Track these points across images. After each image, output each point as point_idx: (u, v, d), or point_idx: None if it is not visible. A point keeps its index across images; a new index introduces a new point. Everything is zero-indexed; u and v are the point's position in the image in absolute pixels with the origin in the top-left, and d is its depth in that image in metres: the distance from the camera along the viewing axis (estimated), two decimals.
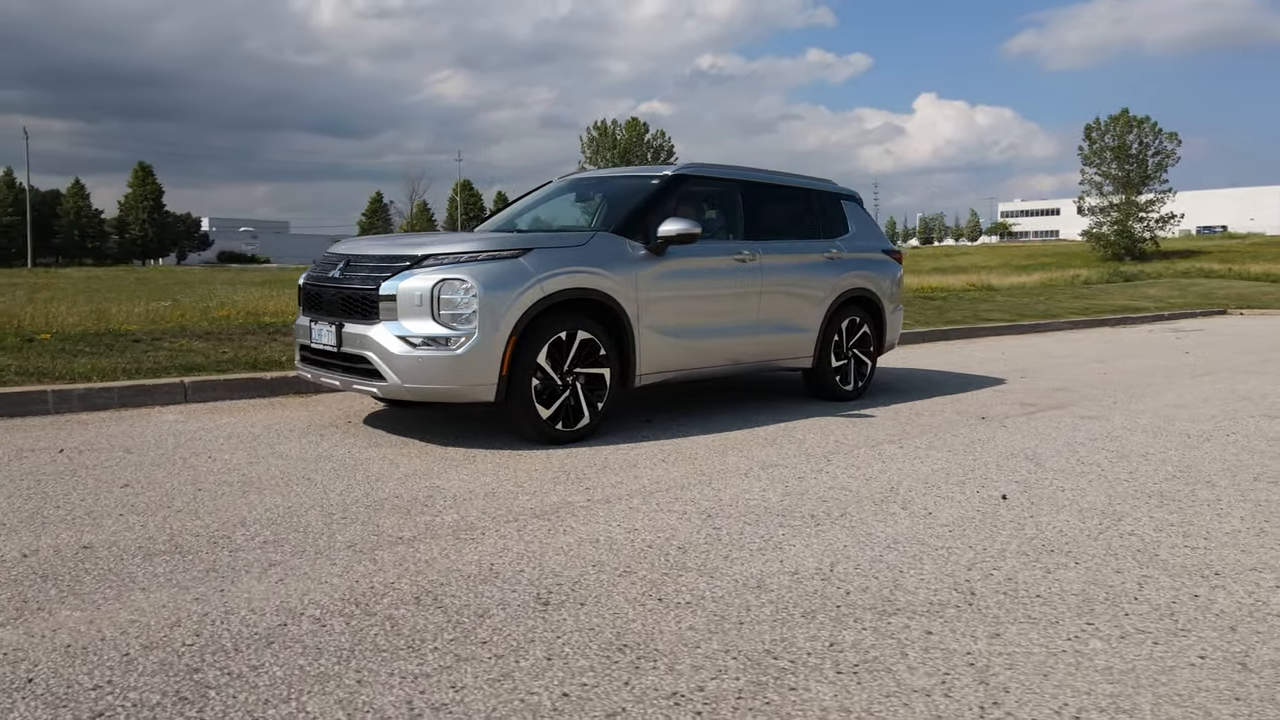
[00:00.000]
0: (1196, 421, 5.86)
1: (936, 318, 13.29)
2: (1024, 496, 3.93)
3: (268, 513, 3.48)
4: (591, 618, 2.51)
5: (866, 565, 3.00)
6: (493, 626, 2.44)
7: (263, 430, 5.10)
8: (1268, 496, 3.99)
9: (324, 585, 2.72)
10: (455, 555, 3.02)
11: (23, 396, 5.35)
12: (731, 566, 2.96)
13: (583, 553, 3.07)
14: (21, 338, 7.56)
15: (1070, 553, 3.17)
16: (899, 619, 2.55)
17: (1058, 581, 2.88)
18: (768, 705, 2.03)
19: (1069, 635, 2.46)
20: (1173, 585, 2.86)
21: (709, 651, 2.31)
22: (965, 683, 2.16)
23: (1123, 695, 2.11)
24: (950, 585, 2.82)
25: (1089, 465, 4.55)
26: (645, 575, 2.86)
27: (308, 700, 2.01)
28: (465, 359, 4.48)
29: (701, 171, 5.88)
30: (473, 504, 3.66)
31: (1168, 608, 2.67)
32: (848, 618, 2.55)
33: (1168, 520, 3.60)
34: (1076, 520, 3.58)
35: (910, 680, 2.17)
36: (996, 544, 3.25)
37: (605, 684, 2.12)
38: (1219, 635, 2.48)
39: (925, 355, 9.99)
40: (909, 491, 3.98)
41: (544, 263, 4.71)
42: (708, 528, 3.38)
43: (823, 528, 3.41)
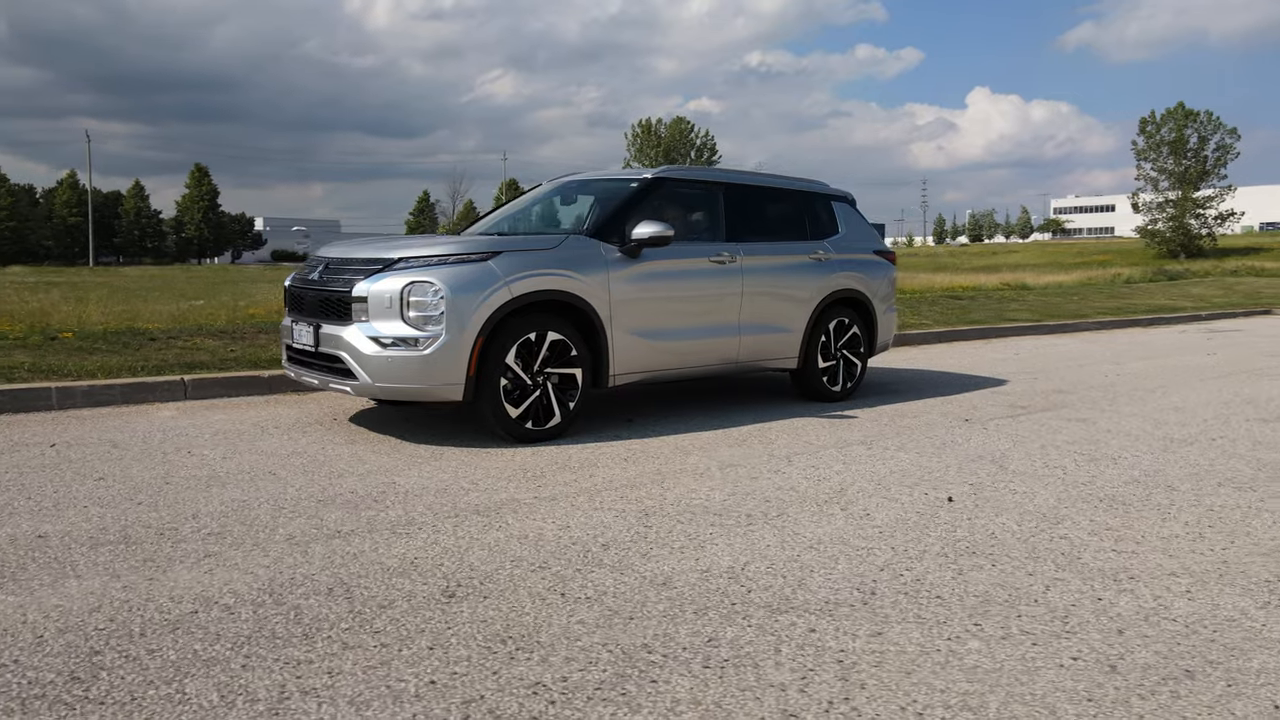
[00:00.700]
0: (1187, 425, 5.78)
1: (958, 317, 13.16)
2: (972, 499, 3.94)
3: (222, 506, 3.64)
4: (489, 610, 2.62)
5: (780, 565, 3.06)
6: (391, 617, 2.56)
7: (249, 427, 5.29)
8: (1223, 501, 3.96)
9: (248, 576, 2.86)
10: (384, 549, 3.14)
11: (27, 393, 5.61)
12: (646, 564, 3.04)
13: (507, 548, 3.17)
14: (45, 335, 7.89)
15: (991, 555, 3.20)
16: (788, 617, 2.61)
17: (965, 583, 2.91)
18: (621, 696, 2.12)
19: (950, 635, 2.50)
20: (1080, 589, 2.88)
21: (588, 645, 2.39)
22: (825, 679, 2.22)
23: (975, 694, 2.16)
24: (854, 585, 2.87)
25: (1053, 469, 4.54)
26: (558, 571, 2.96)
27: (188, 682, 2.14)
28: (433, 359, 4.61)
29: (682, 174, 5.95)
30: (422, 500, 3.78)
31: (1064, 610, 2.69)
32: (738, 615, 2.62)
33: (1107, 524, 3.59)
34: (1013, 523, 3.59)
35: (773, 675, 2.24)
36: (921, 546, 3.29)
37: (475, 673, 2.22)
38: (1103, 638, 2.50)
39: (937, 355, 9.93)
40: (857, 493, 4.02)
41: (512, 265, 4.82)
42: (639, 526, 3.46)
43: (754, 528, 3.47)
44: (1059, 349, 10.77)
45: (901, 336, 11.11)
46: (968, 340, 11.78)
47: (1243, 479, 4.39)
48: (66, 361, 6.55)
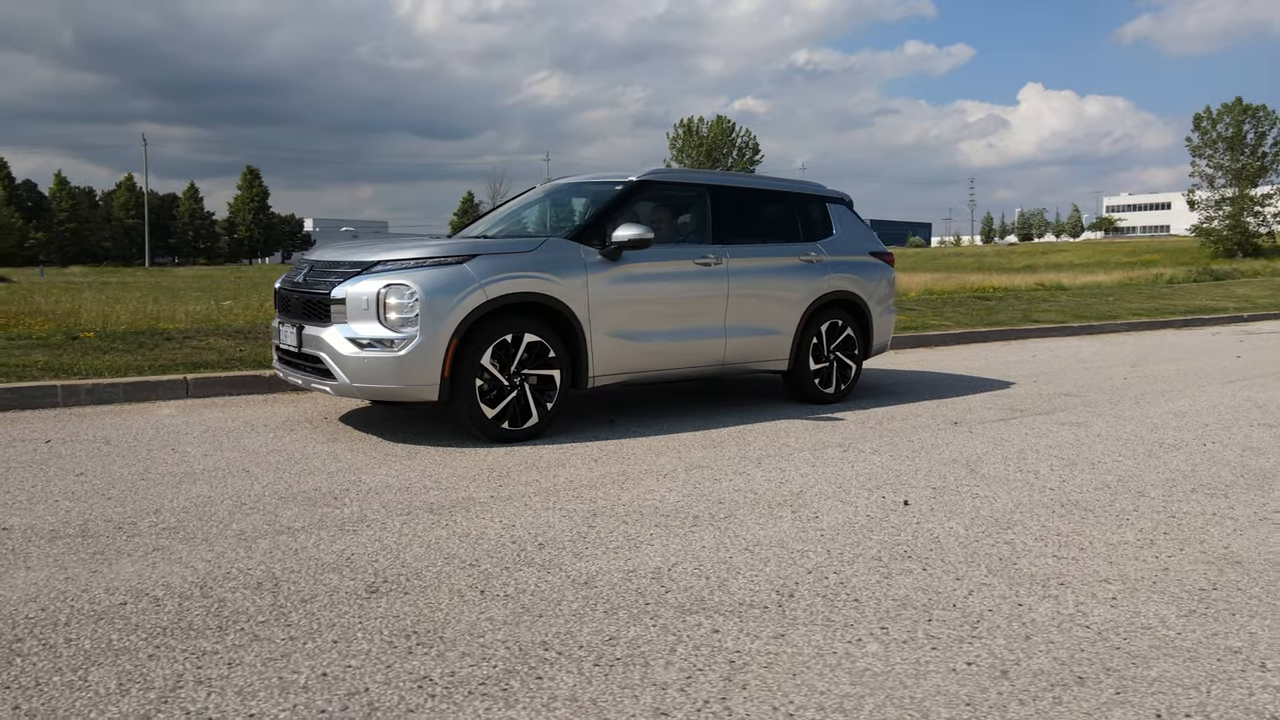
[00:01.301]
0: (1183, 430, 5.68)
1: (981, 319, 13.00)
2: (930, 503, 3.93)
3: (187, 502, 3.77)
4: (404, 606, 2.69)
5: (708, 566, 3.09)
6: (309, 611, 2.64)
7: (240, 425, 5.45)
8: (1190, 508, 3.90)
9: (187, 569, 2.97)
10: (325, 546, 3.23)
11: (34, 390, 5.83)
12: (575, 563, 3.09)
13: (445, 546, 3.24)
14: (68, 335, 8.17)
15: (926, 559, 3.19)
16: (696, 618, 2.64)
17: (889, 587, 2.92)
18: (502, 692, 2.17)
19: (853, 638, 2.51)
20: (1004, 594, 2.87)
21: (489, 641, 2.45)
22: (710, 679, 2.25)
23: (854, 696, 2.17)
24: (775, 587, 2.90)
25: (1025, 473, 4.50)
26: (486, 569, 3.02)
27: (93, 670, 2.24)
28: (408, 360, 4.71)
29: (667, 177, 5.99)
30: (380, 498, 3.87)
31: (978, 615, 2.69)
32: (646, 615, 2.66)
33: (1058, 530, 3.56)
34: (961, 528, 3.58)
35: (659, 675, 2.27)
36: (858, 549, 3.29)
37: (369, 666, 2.29)
38: (1007, 644, 2.49)
39: (951, 357, 9.83)
40: (814, 495, 4.02)
41: (487, 268, 4.90)
42: (583, 526, 3.51)
43: (696, 529, 3.50)
44: (1080, 351, 10.60)
45: (918, 338, 11.02)
46: (987, 342, 11.63)
47: (1219, 485, 4.31)
48: (79, 361, 6.78)
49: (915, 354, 10.20)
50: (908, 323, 12.08)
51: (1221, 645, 2.51)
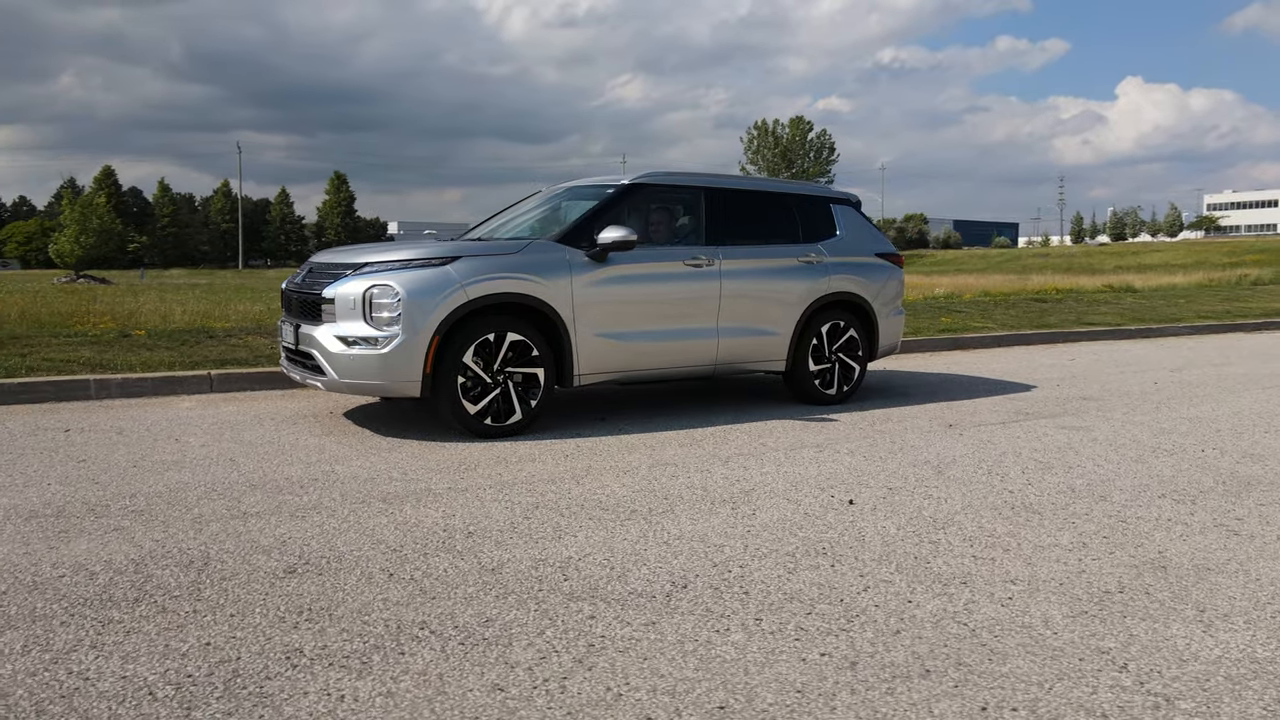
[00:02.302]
0: (1189, 435, 5.53)
1: (1029, 321, 12.70)
2: (876, 503, 3.95)
3: (164, 488, 4.03)
4: (312, 586, 2.86)
5: (619, 557, 3.19)
6: (224, 588, 2.84)
7: (248, 418, 5.75)
8: (1146, 514, 3.84)
9: (134, 548, 3.20)
10: (270, 530, 3.44)
11: (71, 383, 6.25)
12: (493, 551, 3.23)
13: (378, 533, 3.42)
14: (121, 333, 8.68)
15: (840, 556, 3.24)
16: (581, 604, 2.75)
17: (786, 581, 2.98)
18: (361, 664, 2.32)
19: (722, 628, 2.59)
20: (899, 591, 2.90)
21: (372, 619, 2.61)
22: (561, 660, 2.36)
23: (690, 680, 2.26)
24: (673, 579, 2.99)
25: (992, 476, 4.47)
26: (406, 554, 3.18)
27: (8, 633, 2.47)
28: (391, 357, 4.92)
29: (660, 180, 6.08)
30: (343, 487, 4.08)
31: (860, 610, 2.73)
32: (533, 600, 2.78)
33: (993, 531, 3.56)
34: (894, 527, 3.60)
35: (515, 655, 2.39)
36: (777, 545, 3.35)
37: (251, 638, 2.47)
38: (872, 637, 2.54)
39: (986, 360, 9.66)
40: (763, 493, 4.08)
41: (470, 270, 5.08)
42: (519, 517, 3.65)
43: (628, 523, 3.61)
44: (1124, 354, 10.29)
45: (955, 340, 10.85)
46: (1031, 345, 11.37)
47: (1192, 491, 4.22)
48: (120, 356, 7.22)
49: (950, 356, 10.06)
50: (949, 325, 11.90)
51: (1093, 646, 2.51)
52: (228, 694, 2.16)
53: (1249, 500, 4.08)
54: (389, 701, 2.13)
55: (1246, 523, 3.73)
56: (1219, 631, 2.62)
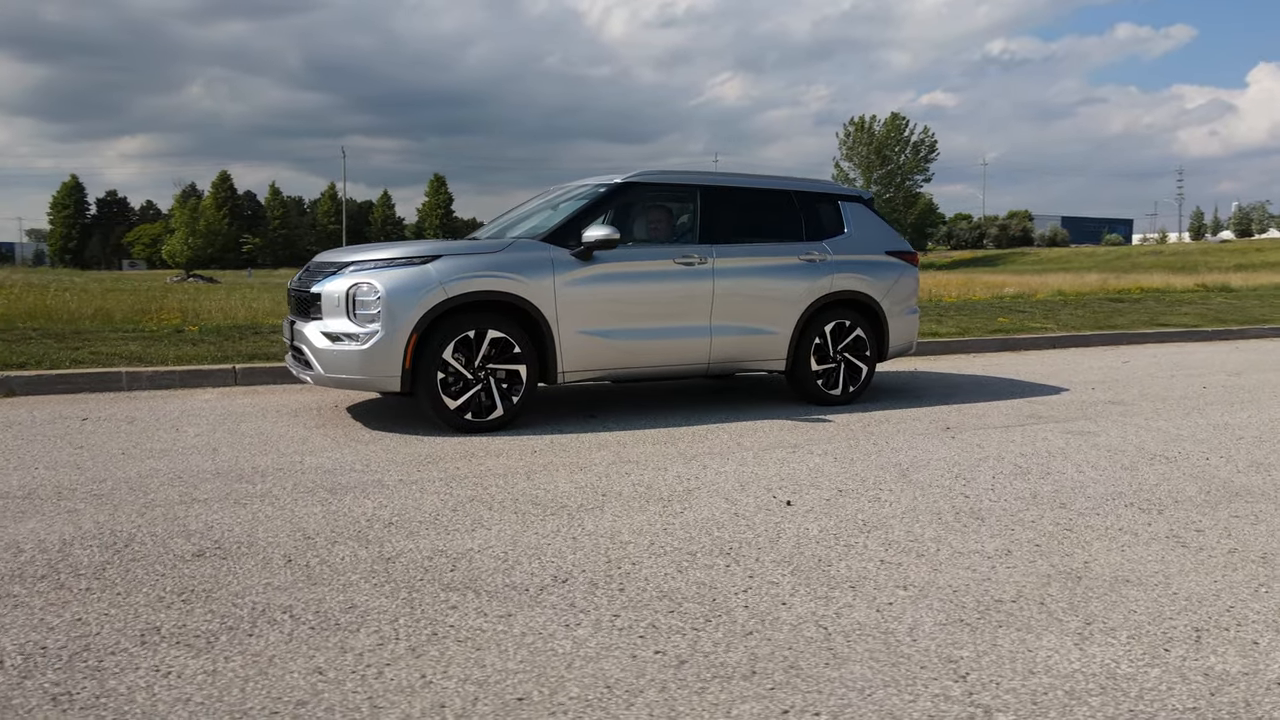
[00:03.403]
0: (1204, 442, 5.27)
1: (1094, 322, 12.18)
2: (814, 505, 3.90)
3: (135, 474, 4.26)
4: (210, 569, 3.00)
5: (519, 551, 3.23)
6: (125, 569, 3.00)
7: (254, 410, 6.01)
8: (1099, 523, 3.68)
9: (74, 529, 3.41)
10: (205, 516, 3.61)
11: (104, 375, 6.64)
12: (400, 541, 3.32)
13: (303, 523, 3.55)
14: (175, 329, 9.17)
15: (742, 557, 3.21)
16: (450, 595, 2.81)
17: (672, 579, 2.97)
18: (206, 644, 2.43)
19: (576, 622, 2.61)
20: (777, 594, 2.87)
21: (245, 602, 2.72)
22: (394, 648, 2.43)
23: (510, 671, 2.29)
24: (557, 573, 3.02)
25: (957, 480, 4.35)
26: (316, 543, 3.30)
27: None
28: (371, 352, 5.08)
29: (653, 178, 6.09)
30: (300, 477, 4.24)
31: (725, 611, 2.71)
32: (406, 589, 2.85)
33: (919, 536, 3.47)
34: (817, 529, 3.54)
35: (354, 640, 2.47)
36: (683, 543, 3.34)
37: (120, 615, 2.61)
38: (720, 637, 2.52)
39: (1030, 361, 9.32)
40: (705, 493, 4.07)
41: (449, 269, 5.20)
42: (447, 510, 3.74)
43: (550, 519, 3.65)
44: (1188, 357, 9.78)
45: (1005, 341, 10.51)
46: (1089, 346, 10.91)
47: (1164, 502, 4.02)
48: (163, 351, 7.62)
49: (993, 358, 9.75)
50: (1005, 325, 11.52)
51: (944, 655, 2.43)
52: (67, 666, 2.29)
53: (1223, 511, 3.86)
54: (208, 679, 2.23)
55: (1205, 535, 3.54)
56: (1092, 645, 2.51)
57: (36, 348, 7.71)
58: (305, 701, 2.13)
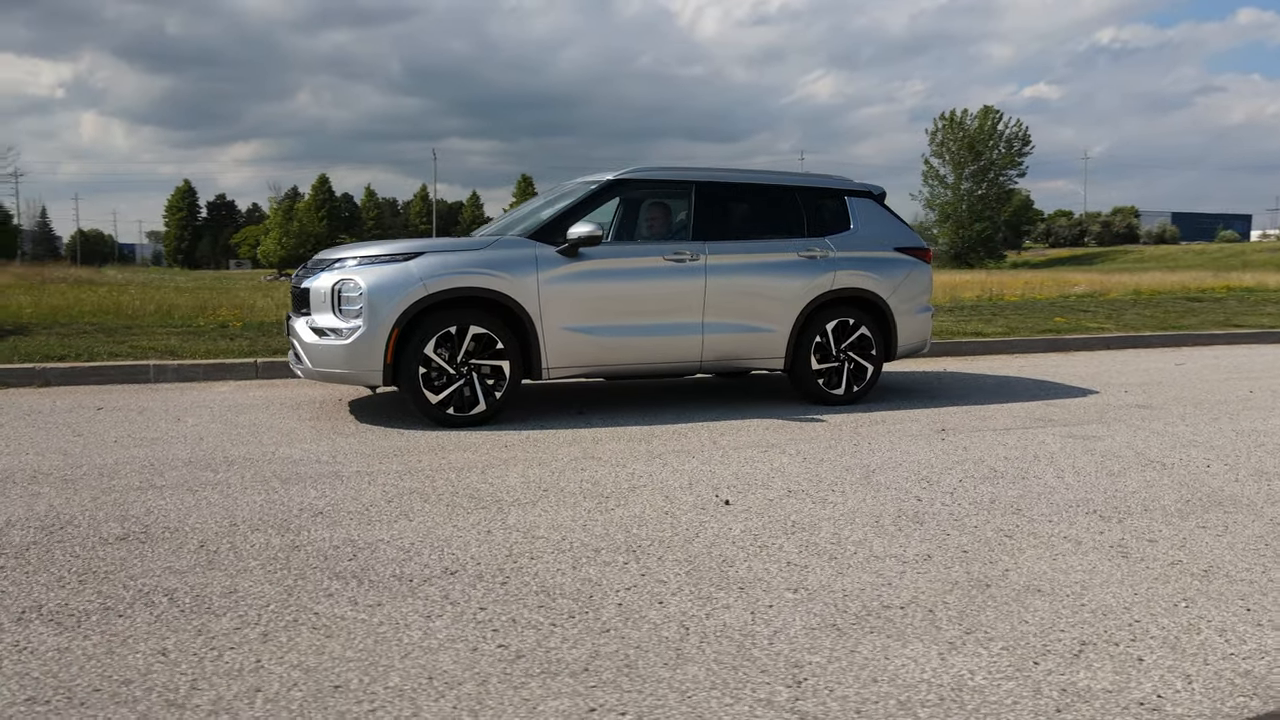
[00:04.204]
0: (1216, 449, 4.99)
1: (1156, 323, 11.60)
2: (753, 505, 3.83)
3: (114, 460, 4.46)
4: (120, 553, 3.12)
5: (427, 543, 3.27)
6: (46, 550, 3.14)
7: (259, 402, 6.22)
8: (1045, 530, 3.52)
9: (21, 510, 3.58)
10: (150, 501, 3.75)
11: (133, 368, 6.97)
12: (317, 530, 3.39)
13: (238, 510, 3.66)
14: (220, 325, 9.55)
15: (645, 554, 3.18)
16: (332, 583, 2.86)
17: (557, 576, 2.96)
18: (75, 622, 2.53)
19: (434, 614, 2.62)
20: (660, 592, 2.83)
21: (132, 585, 2.82)
22: (248, 634, 2.48)
23: (344, 660, 2.31)
24: (449, 567, 3.04)
25: (917, 484, 4.21)
26: (240, 530, 3.39)
27: None
28: (353, 347, 5.21)
29: (645, 175, 6.06)
30: (263, 467, 4.37)
31: (595, 608, 2.69)
32: (293, 576, 2.91)
33: (843, 540, 3.38)
34: (741, 530, 3.48)
35: (210, 623, 2.53)
36: (596, 541, 3.32)
37: (12, 591, 2.74)
38: (574, 634, 2.50)
39: (1072, 363, 8.94)
40: (647, 491, 4.04)
41: (431, 266, 5.28)
42: (382, 502, 3.80)
43: (477, 512, 3.67)
44: (1250, 360, 9.24)
45: (1054, 342, 10.11)
46: (1148, 348, 10.40)
47: (1132, 510, 3.82)
48: (198, 345, 7.96)
49: (1036, 358, 9.38)
50: (1059, 325, 11.09)
51: (794, 660, 2.37)
52: None
53: (1192, 521, 3.65)
54: (56, 657, 2.32)
55: (1156, 545, 3.35)
56: (957, 656, 2.40)
57: (87, 341, 8.14)
58: (131, 680, 2.20)
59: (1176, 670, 2.34)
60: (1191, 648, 2.47)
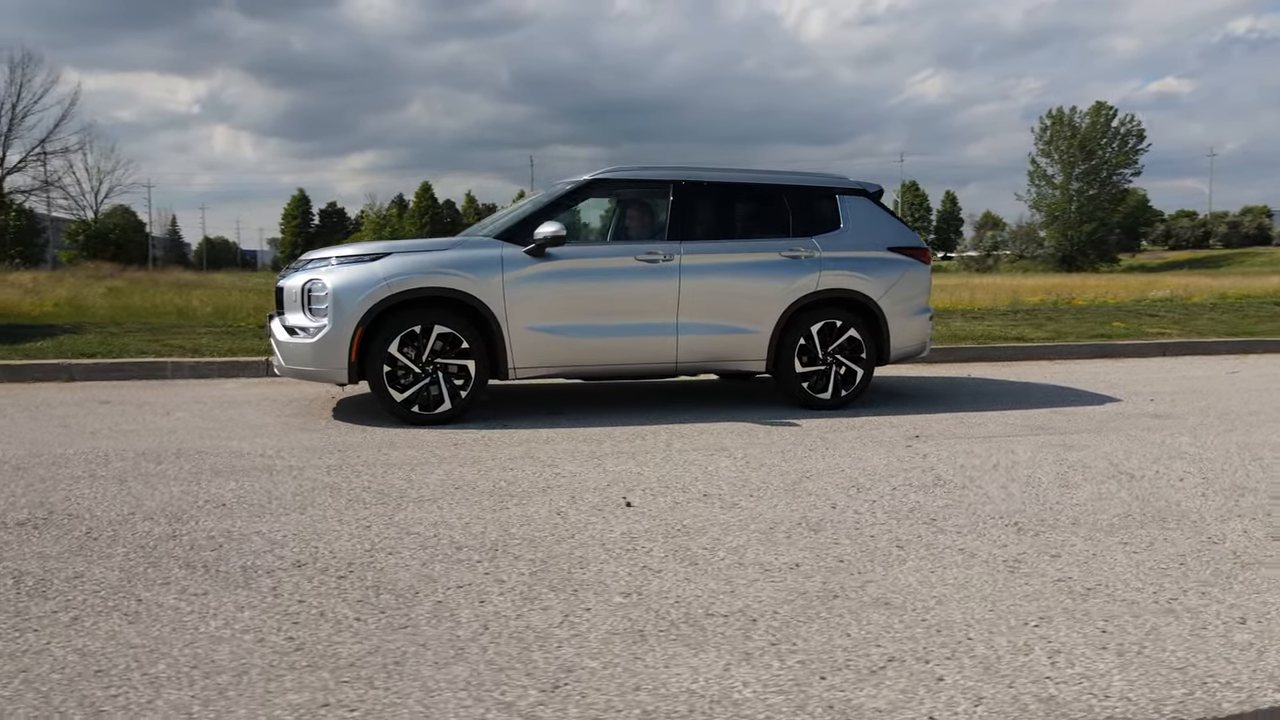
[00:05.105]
0: (1207, 462, 4.68)
1: (1226, 328, 10.88)
2: (652, 509, 3.76)
3: (73, 452, 4.68)
4: (23, 536, 3.27)
5: (297, 536, 3.31)
6: None
7: (251, 399, 6.44)
8: (944, 541, 3.35)
9: None
10: (77, 490, 3.92)
11: (152, 365, 7.32)
12: (206, 522, 3.47)
13: (150, 502, 3.78)
14: (257, 325, 9.93)
15: (507, 553, 3.15)
16: (182, 571, 2.92)
17: (399, 572, 2.96)
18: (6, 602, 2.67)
19: (247, 605, 2.65)
20: (491, 591, 2.80)
21: (5, 566, 2.96)
22: (60, 617, 2.56)
23: (127, 645, 2.37)
24: (300, 560, 3.07)
25: (841, 490, 4.06)
26: (135, 520, 3.50)
27: None
28: (319, 345, 5.34)
29: (623, 175, 6.02)
30: (204, 460, 4.51)
31: (409, 605, 2.68)
32: (150, 565, 2.99)
33: (725, 545, 3.28)
34: (621, 532, 3.42)
35: (38, 606, 2.62)
36: (460, 540, 3.31)
37: None
38: (367, 631, 2.50)
39: (1113, 369, 8.47)
40: (561, 490, 4.01)
41: (395, 266, 5.37)
42: (289, 496, 3.87)
43: (373, 508, 3.71)
44: None
45: (1102, 348, 9.61)
46: (1208, 354, 9.77)
47: (1059, 524, 3.60)
48: (224, 344, 8.30)
49: (1079, 365, 8.93)
50: (1116, 330, 10.53)
51: (570, 665, 2.30)
52: None
53: (1119, 537, 3.41)
54: None
55: (1056, 561, 3.14)
56: (743, 667, 2.30)
57: (128, 340, 8.58)
58: None
59: (971, 692, 2.18)
60: (1008, 669, 2.30)
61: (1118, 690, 2.20)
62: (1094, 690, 2.20)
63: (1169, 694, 2.18)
